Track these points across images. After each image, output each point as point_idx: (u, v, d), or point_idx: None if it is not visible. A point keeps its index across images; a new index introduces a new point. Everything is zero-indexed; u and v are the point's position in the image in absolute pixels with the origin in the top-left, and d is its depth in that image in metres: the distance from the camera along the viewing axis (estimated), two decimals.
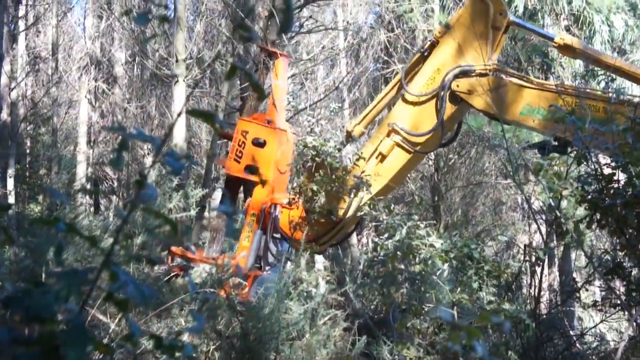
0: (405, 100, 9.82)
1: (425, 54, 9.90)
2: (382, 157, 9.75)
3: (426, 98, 9.62)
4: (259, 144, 10.17)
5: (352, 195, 9.70)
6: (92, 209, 22.68)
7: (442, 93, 9.42)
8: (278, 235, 9.98)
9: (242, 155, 10.12)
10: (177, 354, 1.99)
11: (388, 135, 9.73)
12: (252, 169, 10.09)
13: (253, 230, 9.96)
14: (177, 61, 13.05)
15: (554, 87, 9.22)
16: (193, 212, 9.98)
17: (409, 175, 13.83)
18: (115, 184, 23.56)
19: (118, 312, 6.72)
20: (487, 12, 9.34)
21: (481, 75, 9.28)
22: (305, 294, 8.42)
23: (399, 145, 9.71)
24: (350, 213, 9.77)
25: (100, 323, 6.99)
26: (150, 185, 2.01)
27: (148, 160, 21.14)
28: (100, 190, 23.19)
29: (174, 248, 9.69)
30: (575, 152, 6.91)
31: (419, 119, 9.66)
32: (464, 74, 9.37)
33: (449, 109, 9.50)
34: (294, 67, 19.28)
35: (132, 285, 1.82)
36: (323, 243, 10.21)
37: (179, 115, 2.55)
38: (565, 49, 9.16)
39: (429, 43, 9.97)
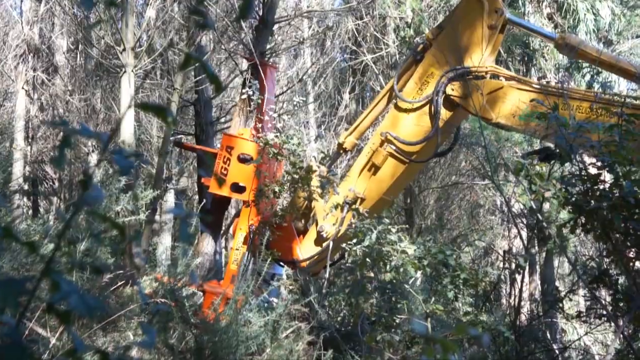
0: (398, 108, 9.85)
1: (418, 57, 9.87)
2: (376, 169, 9.78)
3: (420, 104, 9.63)
4: (245, 160, 10.21)
5: (344, 212, 9.73)
6: (30, 211, 22.45)
7: (437, 98, 9.42)
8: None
9: (227, 172, 10.15)
10: None
11: (381, 145, 9.75)
12: (237, 187, 10.13)
13: (241, 253, 9.95)
14: (124, 50, 12.95)
15: (556, 89, 9.23)
16: (143, 216, 9.92)
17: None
18: (57, 184, 23.32)
19: (60, 325, 6.66)
20: (481, 10, 9.32)
21: (477, 78, 9.26)
22: (266, 304, 8.41)
23: (392, 155, 9.73)
24: (342, 230, 9.79)
25: (39, 337, 6.91)
26: (96, 186, 1.99)
27: (93, 159, 20.96)
28: (40, 191, 22.96)
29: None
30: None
31: (414, 127, 9.67)
32: (460, 77, 9.35)
33: (445, 114, 9.48)
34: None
35: (76, 296, 1.80)
36: (308, 262, 10.18)
37: (127, 109, 2.53)
38: (567, 49, 9.14)
39: (421, 46, 9.91)
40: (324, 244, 10.00)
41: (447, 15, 10.28)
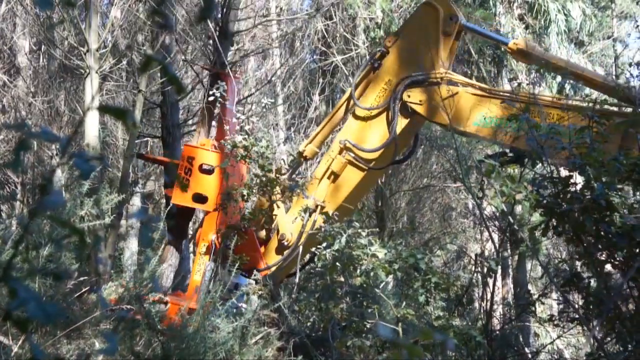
0: (356, 116, 10.03)
1: (376, 65, 10.01)
2: (335, 177, 9.86)
3: (378, 111, 9.81)
4: (207, 170, 10.25)
5: (306, 217, 9.76)
6: None
7: (393, 105, 9.59)
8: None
9: (188, 183, 10.17)
10: None
11: (340, 152, 9.89)
12: (199, 197, 10.13)
13: (204, 263, 9.95)
14: (88, 51, 12.85)
15: (508, 95, 9.39)
16: (108, 220, 9.85)
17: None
18: (19, 188, 23.10)
19: (21, 333, 6.59)
20: (437, 17, 9.51)
21: (432, 84, 9.42)
22: (234, 310, 8.38)
23: (351, 162, 9.89)
24: (303, 239, 9.84)
25: (0, 345, 6.83)
26: (56, 191, 1.97)
27: (56, 162, 20.77)
28: (1, 195, 22.73)
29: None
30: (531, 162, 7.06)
31: (371, 134, 9.84)
32: (416, 83, 9.53)
33: (402, 121, 9.65)
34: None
35: (34, 303, 1.78)
36: (271, 269, 10.19)
37: (88, 110, 2.51)
38: (520, 55, 9.29)
39: (378, 53, 10.06)
40: (285, 253, 10.05)
41: (404, 23, 10.47)
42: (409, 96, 9.52)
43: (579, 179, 6.50)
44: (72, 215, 8.50)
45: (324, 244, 8.65)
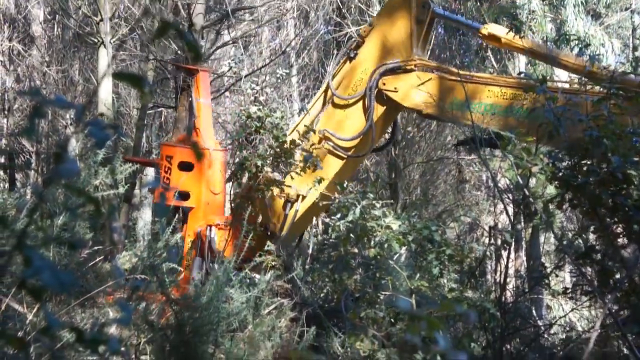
0: (334, 105, 10.22)
1: (352, 55, 10.20)
2: (315, 166, 9.96)
3: (355, 100, 10.02)
4: (186, 167, 10.32)
5: (287, 210, 9.92)
6: (7, 185, 22.30)
7: (370, 94, 9.80)
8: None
9: (169, 181, 10.27)
10: (101, 348, 1.94)
11: (319, 142, 10.06)
12: (182, 194, 10.20)
13: (192, 258, 10.00)
14: (102, 20, 12.83)
15: (482, 78, 9.70)
16: (122, 190, 9.88)
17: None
18: (34, 158, 23.16)
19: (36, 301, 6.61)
20: (409, 5, 9.71)
21: (406, 71, 9.68)
22: (247, 280, 8.39)
23: (331, 152, 10.09)
24: (286, 229, 9.99)
25: (15, 314, 6.86)
26: (71, 159, 1.95)
27: (71, 131, 20.79)
28: (16, 164, 22.80)
29: None
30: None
31: (349, 123, 10.06)
32: (390, 71, 9.77)
33: (378, 109, 9.89)
34: (236, 30, 19.13)
35: (48, 271, 1.77)
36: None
37: (102, 78, 2.49)
38: (491, 39, 9.58)
39: (355, 43, 10.30)
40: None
41: (378, 12, 10.69)
42: (384, 84, 9.74)
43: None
44: (86, 184, 8.50)
45: (338, 215, 8.64)
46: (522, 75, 9.07)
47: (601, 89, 7.43)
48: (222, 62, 21.39)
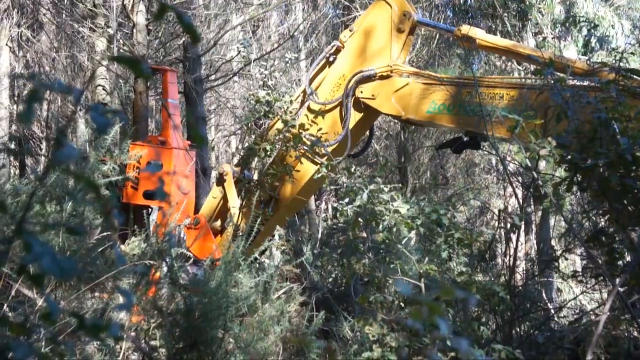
0: (310, 110, 10.15)
1: (331, 59, 10.19)
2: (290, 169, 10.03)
3: (331, 106, 9.98)
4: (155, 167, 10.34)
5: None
6: (17, 171, 22.38)
7: (347, 101, 9.77)
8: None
9: (138, 181, 10.26)
10: (103, 334, 1.93)
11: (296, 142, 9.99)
12: (150, 194, 10.20)
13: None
14: (95, 6, 12.87)
15: (456, 80, 9.60)
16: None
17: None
18: (43, 143, 23.21)
19: (46, 287, 6.64)
20: (390, 14, 9.66)
21: (382, 78, 9.62)
22: (257, 265, 8.39)
23: (305, 156, 10.04)
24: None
25: (25, 299, 6.88)
26: (70, 144, 1.93)
27: (69, 114, 20.86)
28: (26, 149, 22.85)
29: None
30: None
31: (326, 129, 9.99)
32: (367, 78, 9.70)
33: (355, 116, 9.85)
34: (244, 14, 19.10)
35: (49, 257, 1.76)
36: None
37: (98, 64, 2.47)
38: (465, 40, 9.42)
39: (334, 48, 10.22)
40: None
41: (359, 18, 10.64)
42: (361, 92, 9.70)
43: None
44: (94, 170, 8.50)
45: (346, 200, 8.63)
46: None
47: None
48: (230, 47, 21.36)
